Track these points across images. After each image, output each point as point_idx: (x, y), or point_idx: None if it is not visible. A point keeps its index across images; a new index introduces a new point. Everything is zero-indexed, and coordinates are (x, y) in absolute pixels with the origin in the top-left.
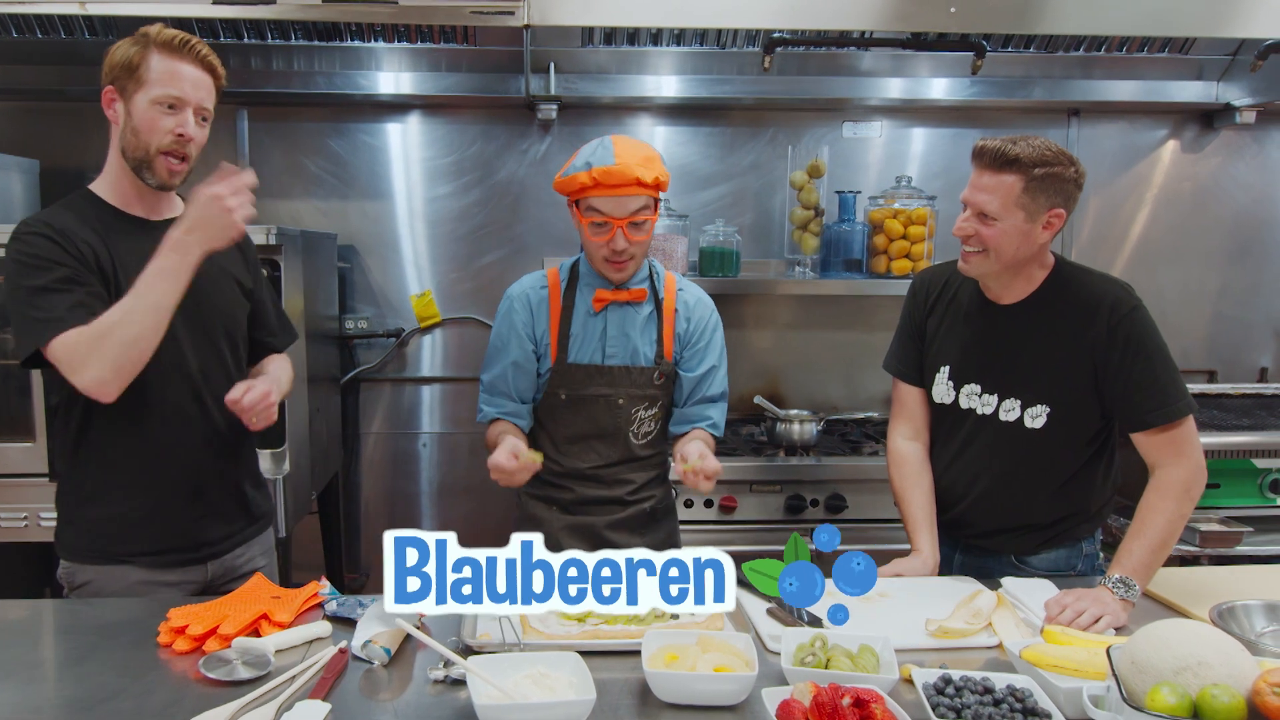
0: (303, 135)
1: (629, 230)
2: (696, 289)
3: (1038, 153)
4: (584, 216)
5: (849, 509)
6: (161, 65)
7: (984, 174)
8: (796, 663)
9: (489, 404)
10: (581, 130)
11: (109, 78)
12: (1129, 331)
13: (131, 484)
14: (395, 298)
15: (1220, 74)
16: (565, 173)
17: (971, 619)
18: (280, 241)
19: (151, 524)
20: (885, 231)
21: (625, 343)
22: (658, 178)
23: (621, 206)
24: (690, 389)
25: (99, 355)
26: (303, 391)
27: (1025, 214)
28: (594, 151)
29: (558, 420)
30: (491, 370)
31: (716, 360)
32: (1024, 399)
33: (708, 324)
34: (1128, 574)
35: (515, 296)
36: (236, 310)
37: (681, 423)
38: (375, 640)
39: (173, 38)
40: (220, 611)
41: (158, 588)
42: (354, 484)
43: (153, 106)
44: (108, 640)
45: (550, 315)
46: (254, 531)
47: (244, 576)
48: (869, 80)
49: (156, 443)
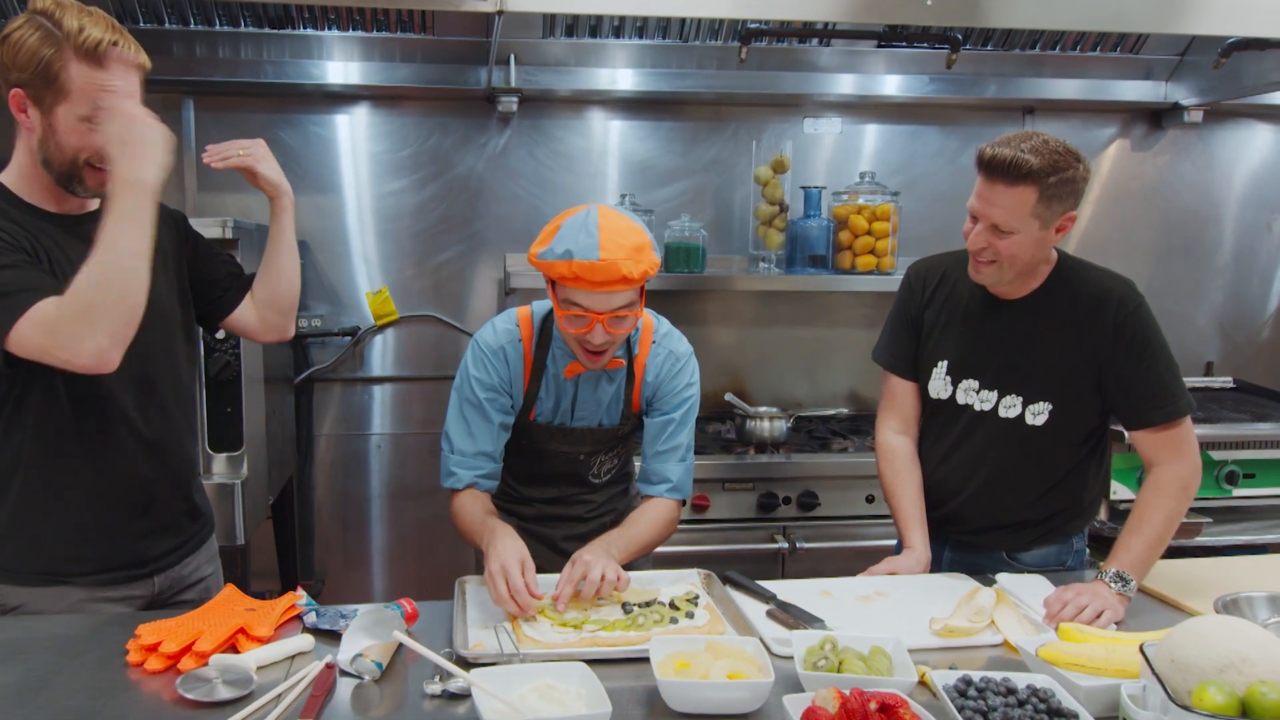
0: (252, 127)
1: (609, 325)
2: (672, 341)
3: (1049, 159)
4: (560, 306)
5: (821, 506)
6: (86, 77)
7: (996, 186)
8: (808, 666)
9: (463, 467)
10: (540, 124)
11: (16, 79)
12: (1134, 329)
13: (73, 498)
14: (349, 295)
15: (1169, 74)
16: (542, 254)
17: (974, 617)
18: (237, 235)
19: (96, 541)
20: (850, 227)
21: (594, 409)
22: (645, 270)
23: (603, 302)
24: (651, 439)
25: (90, 324)
26: (259, 392)
27: (1040, 223)
28: (576, 237)
29: (518, 461)
30: (470, 429)
31: (678, 416)
32: (1026, 395)
33: (674, 378)
34: (1125, 569)
35: (490, 351)
36: (170, 292)
37: (644, 480)
38: (365, 654)
39: (95, 43)
40: (194, 626)
41: (101, 605)
42: (308, 487)
43: (80, 123)
44: (71, 661)
45: (524, 370)
46: (200, 539)
47: (192, 586)
48: (830, 76)
49: (99, 452)
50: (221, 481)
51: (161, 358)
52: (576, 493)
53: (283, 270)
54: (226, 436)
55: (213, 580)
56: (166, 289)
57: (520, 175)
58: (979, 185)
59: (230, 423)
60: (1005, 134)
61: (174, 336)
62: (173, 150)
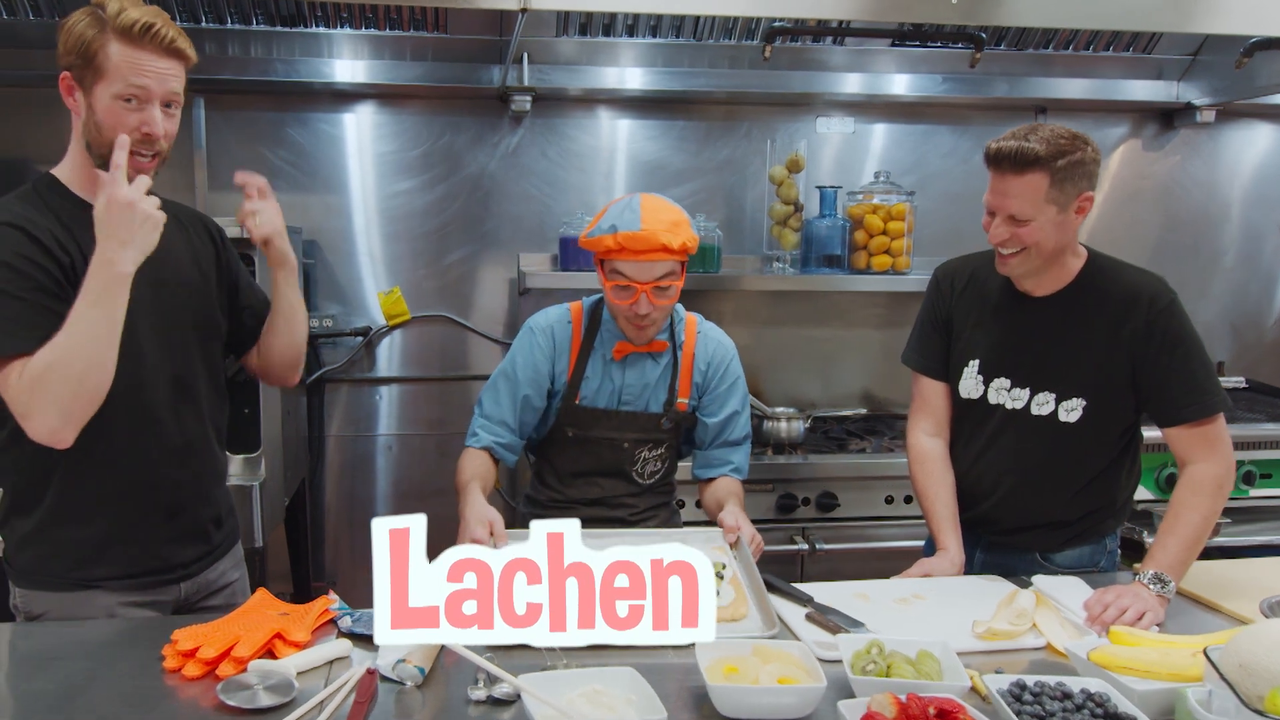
0: (262, 125)
1: (653, 294)
2: (717, 332)
3: (1054, 145)
4: (608, 279)
5: (841, 507)
6: (121, 56)
7: (1006, 178)
8: (857, 671)
9: (485, 430)
10: (553, 123)
11: (64, 62)
12: (1167, 325)
13: (100, 503)
14: (360, 295)
15: (1181, 74)
16: (591, 233)
17: (1016, 620)
18: None
19: (124, 546)
20: (865, 227)
21: (641, 392)
22: (685, 243)
23: (646, 271)
24: (714, 434)
25: (43, 401)
26: (274, 394)
27: (1057, 207)
28: (620, 214)
29: (563, 455)
30: (499, 398)
31: (739, 405)
32: (1059, 392)
33: (727, 369)
34: (1162, 570)
35: (540, 330)
36: (206, 301)
37: (704, 466)
38: (408, 659)
39: (133, 23)
40: (231, 632)
41: (128, 610)
42: (319, 489)
43: (115, 101)
44: (106, 667)
45: (571, 352)
46: (227, 545)
47: (218, 592)
48: (843, 76)
49: (127, 456)
50: (240, 484)
51: (199, 362)
52: (620, 494)
53: (280, 333)
54: (244, 438)
55: (239, 585)
56: (211, 295)
57: (532, 175)
58: (991, 180)
59: (248, 424)
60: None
61: (214, 340)
62: (158, 230)
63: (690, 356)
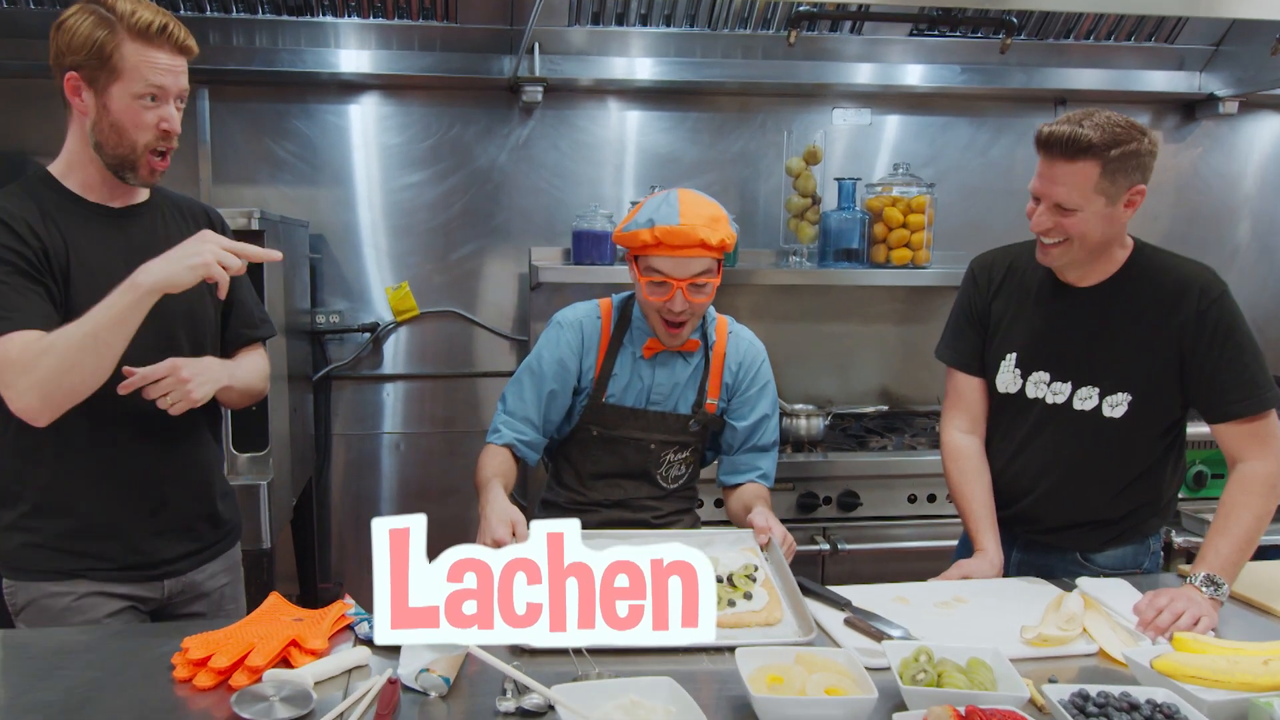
0: (268, 117)
1: (689, 292)
2: (748, 334)
3: (1110, 133)
4: (643, 275)
5: (863, 506)
6: (138, 56)
7: (1056, 164)
8: (907, 680)
9: (509, 426)
10: (564, 115)
11: (71, 61)
12: (1218, 317)
13: (84, 493)
14: (368, 290)
15: (1203, 64)
16: (626, 227)
17: (1066, 625)
18: (264, 228)
19: (106, 537)
20: (884, 220)
21: (671, 391)
22: (723, 240)
23: (683, 268)
24: (743, 438)
25: (29, 379)
26: (282, 390)
27: (1105, 199)
28: (658, 208)
29: (586, 455)
30: (523, 393)
31: (769, 409)
32: (1103, 386)
33: (758, 372)
34: (1214, 571)
35: (568, 324)
36: (199, 295)
37: (731, 471)
38: (432, 668)
39: (147, 24)
40: (244, 639)
41: (107, 601)
42: (326, 488)
43: (134, 101)
44: (114, 676)
45: (600, 348)
46: (220, 548)
47: (203, 597)
48: (858, 66)
49: (113, 448)
50: (247, 483)
51: (190, 356)
52: (644, 496)
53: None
54: (252, 436)
55: (228, 591)
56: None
57: (543, 167)
58: (1039, 165)
59: (256, 422)
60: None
61: (204, 335)
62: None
63: (721, 357)
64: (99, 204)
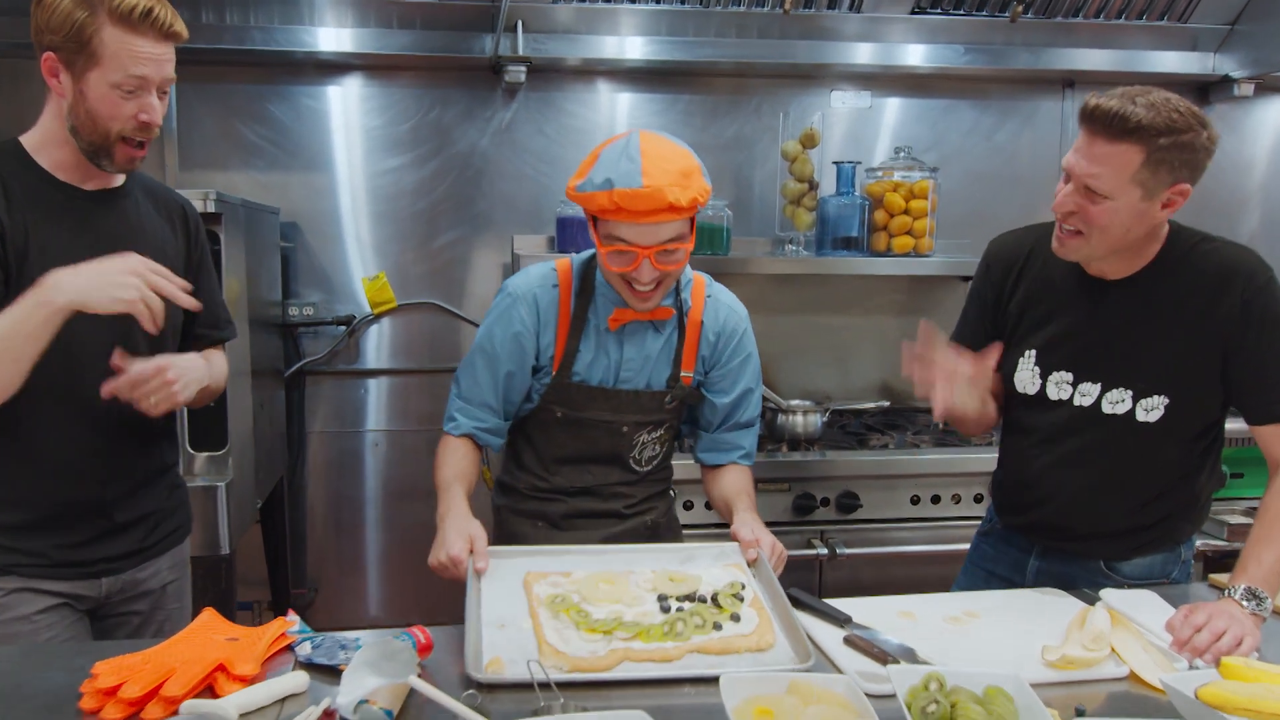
0: (238, 98)
1: (658, 259)
2: (728, 296)
3: (1164, 117)
4: (603, 244)
5: (863, 508)
6: (119, 42)
7: (1095, 141)
8: (915, 714)
9: (465, 414)
10: (549, 96)
11: (49, 41)
12: (1264, 306)
13: (23, 489)
14: (343, 281)
15: (1218, 44)
16: (580, 186)
17: (1092, 644)
18: (220, 210)
19: (41, 534)
20: (886, 206)
21: (642, 366)
22: (695, 198)
23: (649, 235)
24: (724, 415)
25: None
26: (245, 386)
27: (1143, 191)
28: (616, 164)
29: (549, 438)
30: (477, 377)
31: (752, 383)
32: (1137, 389)
33: (739, 342)
34: (1256, 584)
35: (520, 295)
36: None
37: (711, 450)
38: (372, 700)
39: (131, 8)
40: (162, 664)
41: (41, 598)
42: (299, 489)
43: (112, 90)
44: (12, 708)
45: (559, 321)
46: (164, 546)
47: (146, 595)
48: (857, 46)
49: (55, 445)
50: (204, 484)
51: (146, 353)
52: (614, 482)
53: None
54: (209, 434)
55: (172, 589)
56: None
57: (527, 152)
58: (1078, 139)
59: (214, 419)
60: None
61: (165, 333)
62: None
63: (697, 325)
64: (69, 184)
